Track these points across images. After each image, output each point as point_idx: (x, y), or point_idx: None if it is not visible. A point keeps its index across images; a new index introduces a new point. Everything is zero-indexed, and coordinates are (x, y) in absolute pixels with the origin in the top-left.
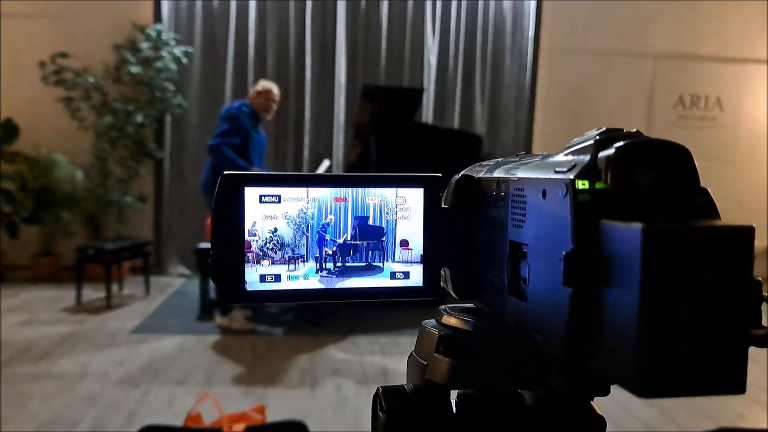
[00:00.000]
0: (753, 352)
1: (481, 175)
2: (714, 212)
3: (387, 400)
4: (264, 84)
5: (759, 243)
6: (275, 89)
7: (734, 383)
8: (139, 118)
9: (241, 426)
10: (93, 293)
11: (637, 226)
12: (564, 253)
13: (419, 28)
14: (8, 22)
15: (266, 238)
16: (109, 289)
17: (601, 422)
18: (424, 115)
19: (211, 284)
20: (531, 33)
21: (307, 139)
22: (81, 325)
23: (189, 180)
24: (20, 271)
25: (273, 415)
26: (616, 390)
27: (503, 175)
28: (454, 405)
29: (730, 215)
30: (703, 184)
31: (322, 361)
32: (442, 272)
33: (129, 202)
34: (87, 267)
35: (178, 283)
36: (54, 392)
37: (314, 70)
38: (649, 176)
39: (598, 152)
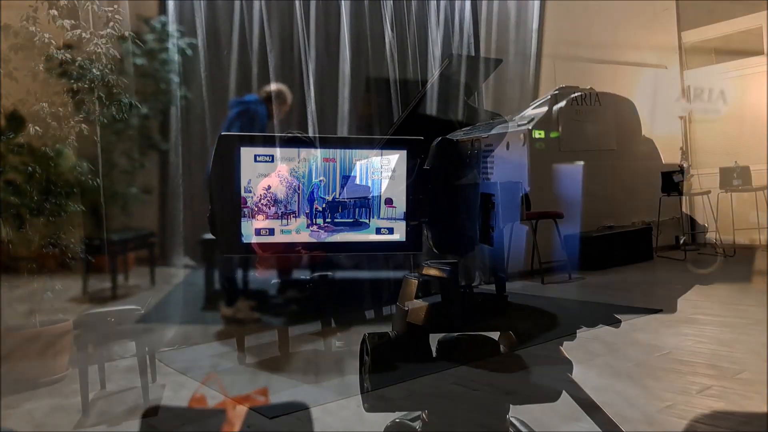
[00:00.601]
0: (753, 347)
1: (459, 137)
2: (656, 157)
3: (372, 344)
4: (283, 91)
5: (760, 239)
6: (290, 98)
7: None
8: (144, 110)
9: (244, 407)
10: (99, 284)
11: (580, 163)
12: (522, 194)
13: (423, 20)
14: (12, 14)
15: (261, 195)
16: (114, 279)
17: (568, 365)
18: (428, 107)
19: (216, 276)
20: (535, 26)
21: (310, 132)
22: (87, 315)
23: (194, 172)
24: (26, 262)
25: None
26: (617, 382)
27: (477, 135)
28: (434, 351)
29: (731, 211)
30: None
31: (325, 350)
32: (423, 229)
33: (134, 194)
34: (92, 258)
35: (183, 274)
36: (59, 382)
37: (318, 62)
38: (596, 124)
39: (554, 105)
